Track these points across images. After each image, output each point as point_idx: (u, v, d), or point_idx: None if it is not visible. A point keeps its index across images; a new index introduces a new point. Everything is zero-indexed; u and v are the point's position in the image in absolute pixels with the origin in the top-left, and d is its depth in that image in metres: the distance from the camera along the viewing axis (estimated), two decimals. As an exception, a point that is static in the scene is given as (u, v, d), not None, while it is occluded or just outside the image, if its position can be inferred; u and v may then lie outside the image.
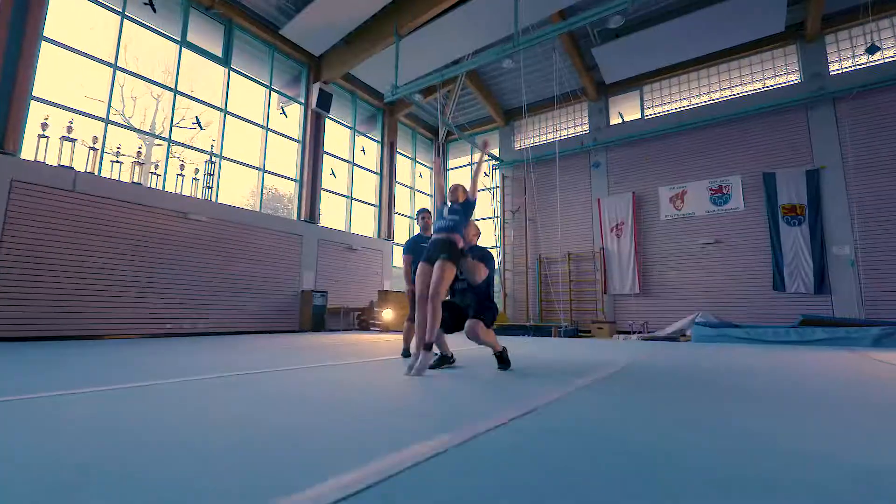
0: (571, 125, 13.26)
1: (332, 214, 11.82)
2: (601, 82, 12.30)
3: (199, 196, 8.60)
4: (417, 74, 10.33)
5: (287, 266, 9.73)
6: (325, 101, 10.82)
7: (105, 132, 7.45)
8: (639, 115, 12.08)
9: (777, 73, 10.42)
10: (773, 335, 6.34)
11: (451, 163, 15.79)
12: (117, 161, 7.49)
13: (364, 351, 5.07)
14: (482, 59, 8.32)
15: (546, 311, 12.52)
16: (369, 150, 13.00)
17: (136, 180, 7.59)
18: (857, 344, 5.75)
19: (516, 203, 13.61)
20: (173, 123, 8.50)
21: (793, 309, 9.24)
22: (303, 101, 10.96)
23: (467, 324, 3.09)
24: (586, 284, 12.06)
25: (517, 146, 14.06)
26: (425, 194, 15.21)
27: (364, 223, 12.73)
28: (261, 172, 9.93)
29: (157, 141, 8.61)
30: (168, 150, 8.39)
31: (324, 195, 11.18)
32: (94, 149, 7.23)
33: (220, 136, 9.17)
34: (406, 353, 3.94)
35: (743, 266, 10.07)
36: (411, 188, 14.64)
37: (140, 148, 7.82)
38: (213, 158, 8.88)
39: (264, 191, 11.58)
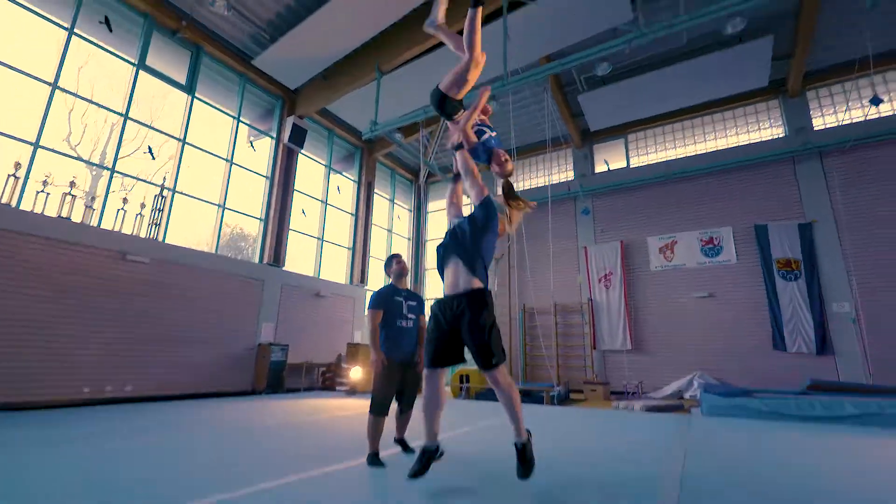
0: (555, 171, 12.92)
1: (299, 258, 10.78)
2: (586, 129, 12.10)
3: (144, 234, 7.51)
4: (399, 114, 9.77)
5: (243, 316, 8.53)
6: (298, 136, 10.08)
7: (32, 158, 6.40)
8: (624, 164, 11.82)
9: (762, 127, 10.38)
10: (795, 408, 5.56)
11: (431, 205, 15.15)
12: (43, 191, 6.40)
13: (322, 440, 3.99)
14: (468, 96, 7.80)
15: (531, 366, 11.55)
16: (345, 190, 12.22)
17: (63, 214, 6.48)
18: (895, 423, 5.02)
19: (500, 250, 12.92)
20: (120, 154, 7.52)
21: (796, 371, 8.58)
22: (274, 135, 10.19)
23: (487, 376, 2.43)
24: (574, 338, 11.23)
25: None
26: (403, 237, 14.39)
27: (335, 268, 11.70)
28: (220, 209, 8.93)
29: (105, 172, 7.61)
30: (110, 180, 7.36)
31: (292, 236, 10.18)
32: (14, 176, 6.15)
33: (176, 167, 8.21)
34: (372, 460, 2.90)
35: (740, 322, 9.47)
36: (389, 230, 13.82)
37: (74, 179, 6.75)
38: (165, 192, 7.87)
39: (230, 230, 10.54)
